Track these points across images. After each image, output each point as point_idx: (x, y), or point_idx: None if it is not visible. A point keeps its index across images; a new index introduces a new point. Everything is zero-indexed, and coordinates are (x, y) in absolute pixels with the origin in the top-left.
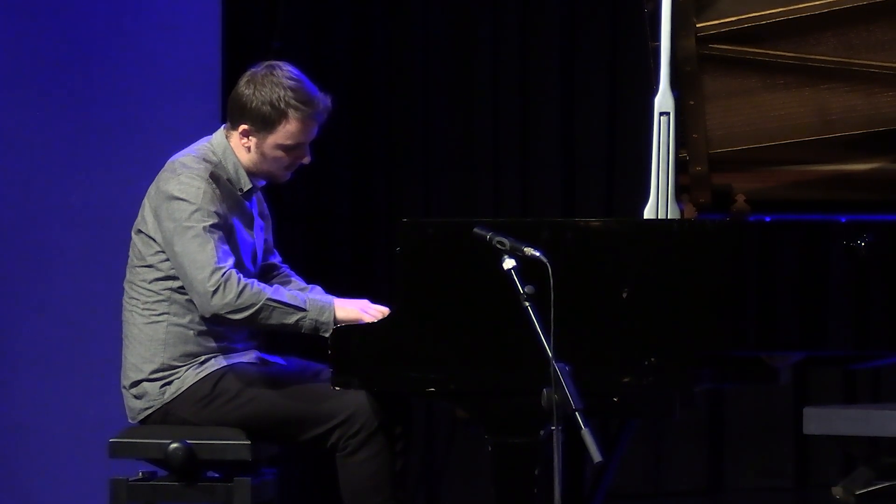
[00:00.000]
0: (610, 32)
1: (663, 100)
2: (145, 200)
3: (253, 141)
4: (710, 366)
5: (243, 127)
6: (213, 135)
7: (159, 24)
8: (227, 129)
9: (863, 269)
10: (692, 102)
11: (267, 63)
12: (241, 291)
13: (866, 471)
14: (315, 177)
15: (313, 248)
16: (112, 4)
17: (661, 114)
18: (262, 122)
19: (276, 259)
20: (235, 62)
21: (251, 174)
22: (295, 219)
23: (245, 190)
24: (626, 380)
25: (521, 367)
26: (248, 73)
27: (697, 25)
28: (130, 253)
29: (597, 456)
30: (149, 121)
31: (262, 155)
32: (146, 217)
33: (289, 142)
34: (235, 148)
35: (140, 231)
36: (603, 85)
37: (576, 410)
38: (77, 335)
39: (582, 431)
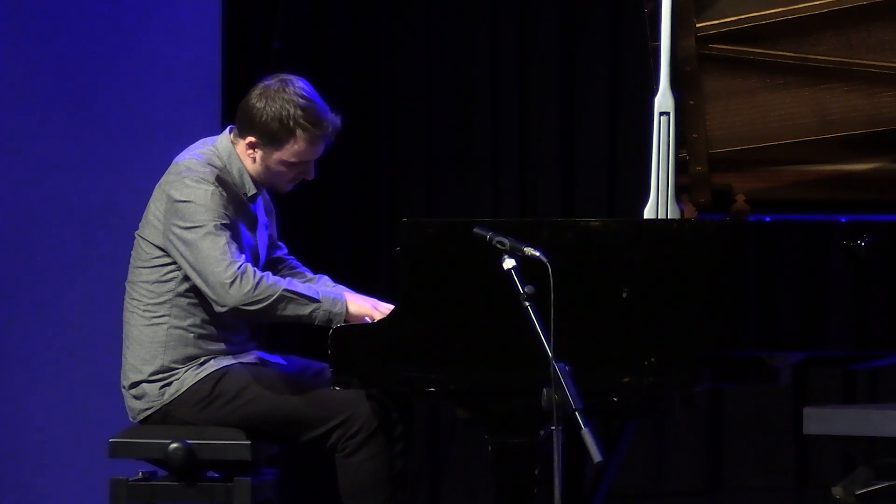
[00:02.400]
0: (610, 32)
1: (663, 100)
2: (150, 204)
3: (259, 154)
4: (710, 366)
5: (250, 139)
6: (218, 138)
7: (159, 24)
8: (235, 136)
9: (863, 269)
10: (692, 102)
11: (280, 77)
12: (258, 283)
13: (866, 471)
14: (316, 176)
15: (314, 247)
16: (112, 4)
17: (661, 114)
18: (270, 138)
19: (282, 252)
20: (235, 62)
21: (255, 181)
22: (296, 217)
23: (250, 195)
24: (626, 380)
25: (521, 367)
26: (262, 85)
27: (697, 25)
28: (133, 254)
29: (597, 456)
30: (149, 121)
31: (267, 168)
32: (150, 220)
33: (294, 159)
34: (241, 155)
35: (143, 234)
36: (603, 85)
37: (576, 410)
38: (77, 335)
39: (582, 431)
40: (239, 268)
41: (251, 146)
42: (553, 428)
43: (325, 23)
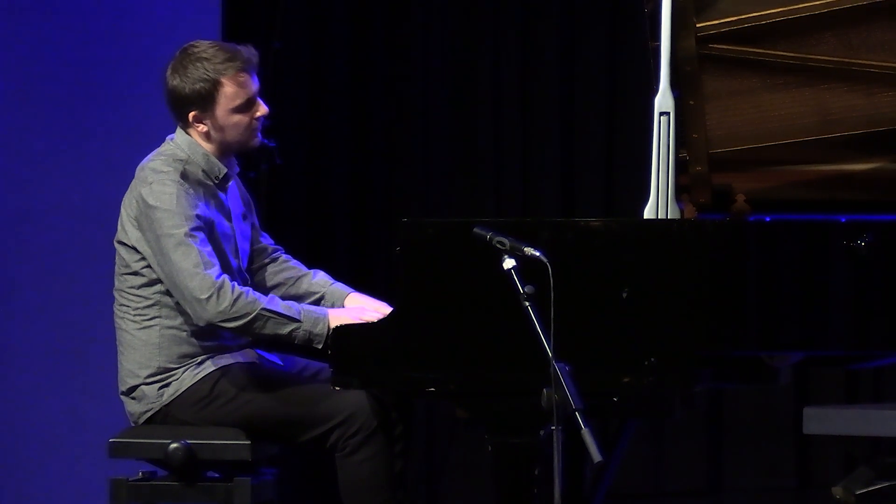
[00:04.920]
0: (610, 32)
1: (663, 100)
2: (122, 210)
3: (208, 123)
4: (710, 366)
5: (192, 114)
6: (175, 134)
7: (159, 24)
8: (182, 126)
9: (863, 269)
10: (692, 102)
11: (179, 50)
12: (236, 300)
13: (866, 470)
14: (315, 176)
15: (313, 247)
16: (112, 4)
17: (661, 114)
18: (204, 100)
19: (268, 241)
20: None
21: (223, 157)
22: (295, 218)
23: (221, 177)
24: (626, 380)
25: (521, 367)
26: (168, 66)
27: (697, 25)
28: (116, 261)
29: (597, 456)
30: (149, 121)
31: (222, 129)
32: (125, 226)
33: (237, 102)
34: (198, 139)
35: (121, 241)
36: (603, 85)
37: (576, 410)
38: (77, 335)
39: (582, 431)
40: (215, 283)
41: (196, 120)
42: (553, 428)
43: (324, 23)
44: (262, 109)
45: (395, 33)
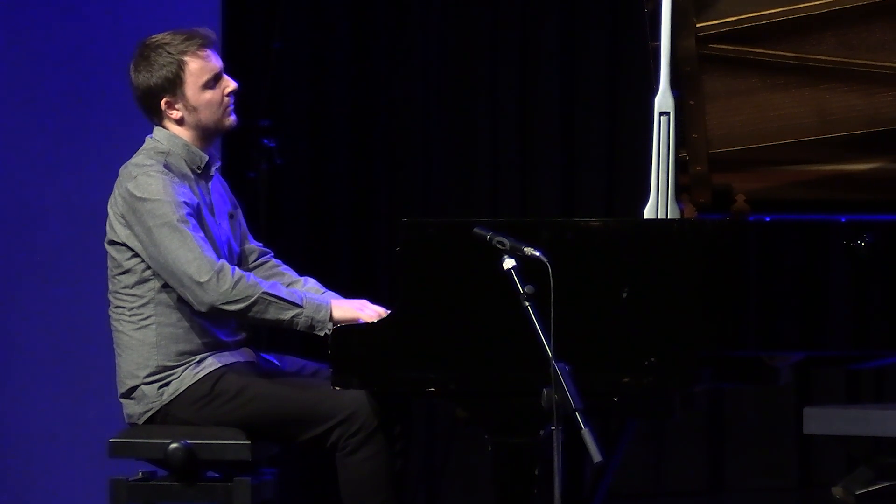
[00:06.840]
0: (610, 32)
1: (663, 100)
2: (109, 210)
3: (180, 107)
4: (710, 366)
5: (163, 101)
6: (152, 132)
7: (159, 25)
8: (158, 122)
9: (863, 269)
10: (692, 102)
11: (136, 46)
12: (237, 282)
13: (866, 470)
14: (315, 176)
15: (313, 248)
16: (112, 4)
17: (661, 114)
18: (173, 84)
19: (256, 244)
20: (235, 62)
21: (203, 145)
22: (295, 218)
23: (203, 164)
24: (626, 380)
25: (521, 367)
26: (130, 65)
27: (697, 25)
28: (108, 264)
29: (597, 456)
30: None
31: (195, 110)
32: (113, 226)
33: (205, 77)
34: (175, 130)
35: (112, 241)
36: (603, 85)
37: (576, 410)
38: (77, 335)
39: (582, 431)
40: (215, 266)
41: (169, 107)
42: (553, 428)
43: (325, 23)
44: (232, 85)
45: (395, 33)
